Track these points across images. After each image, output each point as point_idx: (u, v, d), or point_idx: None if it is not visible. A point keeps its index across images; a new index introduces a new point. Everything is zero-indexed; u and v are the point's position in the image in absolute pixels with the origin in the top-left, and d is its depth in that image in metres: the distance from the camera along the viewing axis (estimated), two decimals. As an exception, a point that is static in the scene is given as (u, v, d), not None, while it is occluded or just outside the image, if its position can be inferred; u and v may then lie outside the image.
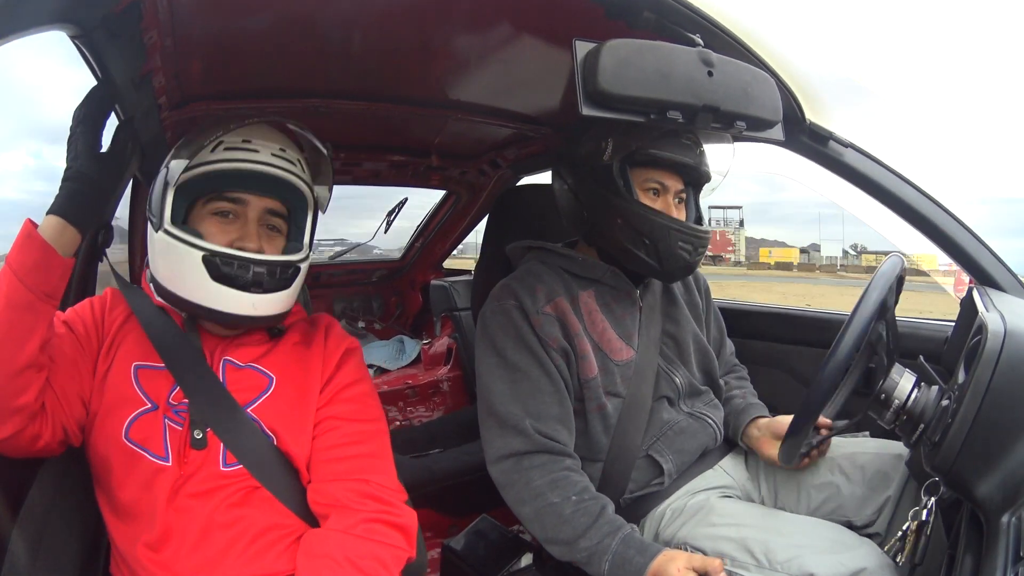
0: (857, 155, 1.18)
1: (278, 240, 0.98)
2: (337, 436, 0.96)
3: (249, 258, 0.90)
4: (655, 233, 1.12)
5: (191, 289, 0.90)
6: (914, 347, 1.16)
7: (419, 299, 2.79)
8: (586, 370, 1.15)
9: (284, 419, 0.95)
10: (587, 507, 1.03)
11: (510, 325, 1.15)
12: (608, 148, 1.12)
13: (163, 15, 0.92)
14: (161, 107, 1.17)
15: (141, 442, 0.89)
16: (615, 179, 1.13)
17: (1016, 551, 0.76)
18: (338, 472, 0.94)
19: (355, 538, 0.88)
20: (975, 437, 0.80)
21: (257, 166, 0.92)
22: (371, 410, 1.02)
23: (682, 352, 1.27)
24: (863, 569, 0.93)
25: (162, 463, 0.89)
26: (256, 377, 0.97)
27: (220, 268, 0.89)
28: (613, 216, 1.14)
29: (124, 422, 0.90)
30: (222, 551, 0.88)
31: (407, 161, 1.83)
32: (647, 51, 0.82)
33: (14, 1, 0.66)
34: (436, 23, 1.06)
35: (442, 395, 2.40)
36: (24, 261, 0.78)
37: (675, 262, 1.14)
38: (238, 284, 0.89)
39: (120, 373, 0.93)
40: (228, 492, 0.91)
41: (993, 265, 1.17)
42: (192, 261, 0.88)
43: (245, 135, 0.93)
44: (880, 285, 0.92)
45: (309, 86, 1.28)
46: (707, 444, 1.24)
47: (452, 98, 1.40)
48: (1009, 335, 0.84)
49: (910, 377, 0.95)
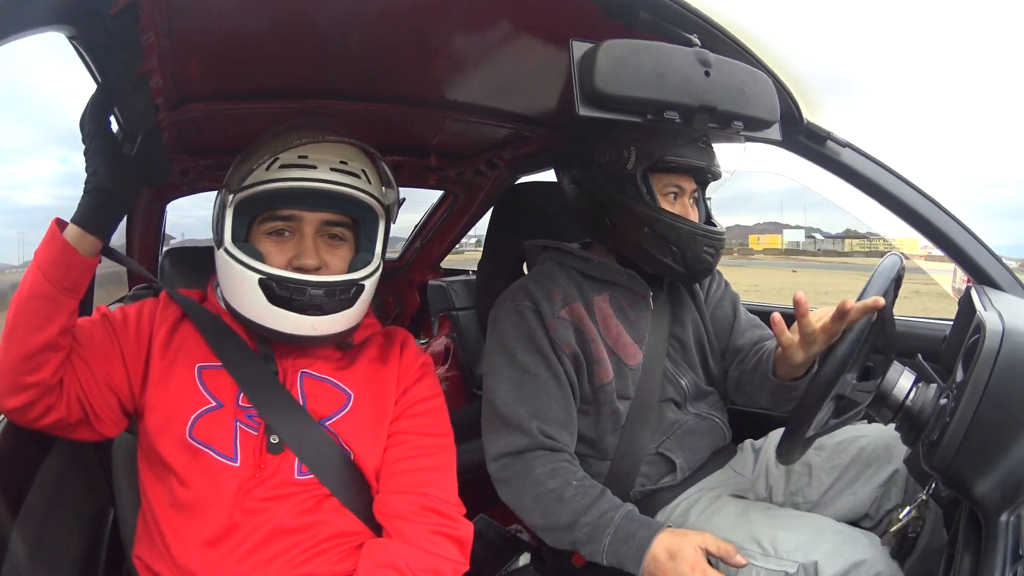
0: (854, 154, 1.19)
1: (342, 249, 0.97)
2: (405, 449, 0.98)
3: (306, 280, 0.89)
4: (682, 240, 1.13)
5: (251, 309, 0.91)
6: (913, 346, 1.15)
7: (417, 299, 2.79)
8: (601, 375, 1.16)
9: (361, 435, 0.97)
10: (587, 490, 1.05)
11: (523, 326, 1.15)
12: (631, 157, 1.12)
13: (160, 16, 0.92)
14: (159, 108, 1.17)
15: (206, 441, 0.91)
16: (639, 188, 1.13)
17: (1015, 550, 0.76)
18: (403, 484, 0.96)
19: (417, 550, 0.90)
20: (973, 436, 0.80)
21: (313, 184, 0.90)
22: (440, 425, 1.03)
23: (687, 354, 1.28)
24: (863, 560, 0.95)
25: (229, 463, 0.91)
26: (334, 392, 0.98)
27: (276, 292, 0.89)
28: (639, 225, 1.14)
29: (188, 421, 0.91)
30: (281, 553, 0.90)
31: (405, 161, 1.83)
32: (644, 51, 0.82)
33: (12, 2, 0.66)
34: (434, 23, 1.06)
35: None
36: (47, 257, 0.83)
37: (700, 265, 1.15)
38: (295, 307, 0.89)
39: (182, 373, 0.94)
40: (300, 499, 0.92)
41: (991, 264, 1.17)
42: (250, 282, 0.89)
43: (303, 151, 0.91)
44: (878, 284, 0.92)
45: (307, 86, 1.28)
46: (716, 443, 1.27)
47: (449, 98, 1.40)
48: (1007, 334, 0.84)
49: (909, 376, 0.95)
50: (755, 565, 0.99)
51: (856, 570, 0.94)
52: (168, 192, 1.92)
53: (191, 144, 1.48)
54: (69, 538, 1.03)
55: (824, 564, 0.95)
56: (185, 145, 1.48)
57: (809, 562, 0.95)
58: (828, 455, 1.19)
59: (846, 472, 1.17)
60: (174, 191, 1.92)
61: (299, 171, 0.90)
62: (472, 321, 2.26)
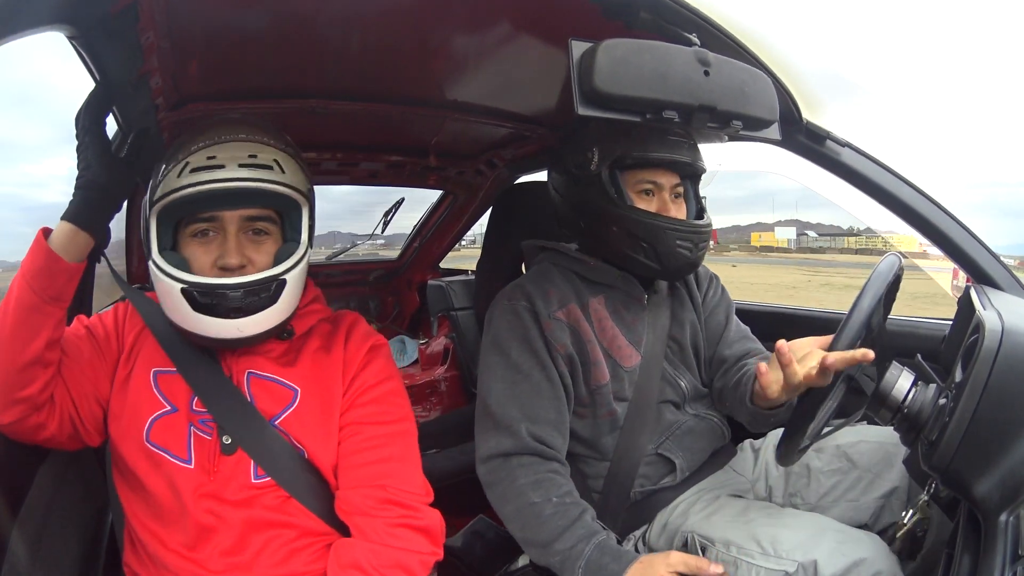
0: (854, 154, 1.19)
1: (267, 244, 0.95)
2: (358, 441, 0.96)
3: (224, 284, 0.88)
4: (651, 235, 1.12)
5: (179, 317, 0.90)
6: (912, 345, 1.16)
7: (416, 299, 2.78)
8: (597, 377, 1.16)
9: (311, 431, 0.95)
10: (566, 510, 1.04)
11: (518, 325, 1.15)
12: (595, 157, 1.13)
13: (160, 16, 0.92)
14: (158, 108, 1.17)
15: (162, 444, 0.91)
16: (606, 187, 1.13)
17: (1014, 550, 0.76)
18: (359, 479, 0.95)
19: (379, 546, 0.89)
20: (972, 436, 0.80)
21: (223, 184, 0.88)
22: (395, 410, 1.00)
23: (686, 356, 1.27)
24: (864, 559, 0.94)
25: (184, 465, 0.91)
26: (280, 390, 0.97)
27: (198, 299, 0.88)
28: (608, 224, 1.14)
29: (145, 425, 0.92)
30: (256, 555, 0.90)
31: (404, 161, 1.83)
32: (643, 51, 0.82)
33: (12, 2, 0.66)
34: (433, 23, 1.06)
35: (439, 395, 2.39)
36: (32, 267, 0.83)
37: (675, 260, 1.14)
38: (218, 312, 0.89)
39: (140, 378, 0.95)
40: (264, 501, 0.92)
41: (991, 264, 1.17)
42: (174, 292, 0.88)
43: (210, 152, 0.89)
44: (877, 284, 0.92)
45: (306, 86, 1.28)
46: (715, 444, 1.26)
47: (449, 98, 1.40)
48: (1006, 334, 0.84)
49: (908, 376, 0.95)
50: (754, 564, 0.99)
51: (856, 569, 0.94)
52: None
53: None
54: (68, 539, 1.03)
55: (824, 563, 0.94)
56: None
57: (808, 561, 0.95)
58: (828, 459, 1.19)
59: (846, 477, 1.17)
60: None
61: (208, 173, 0.88)
62: (471, 321, 2.26)
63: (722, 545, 1.04)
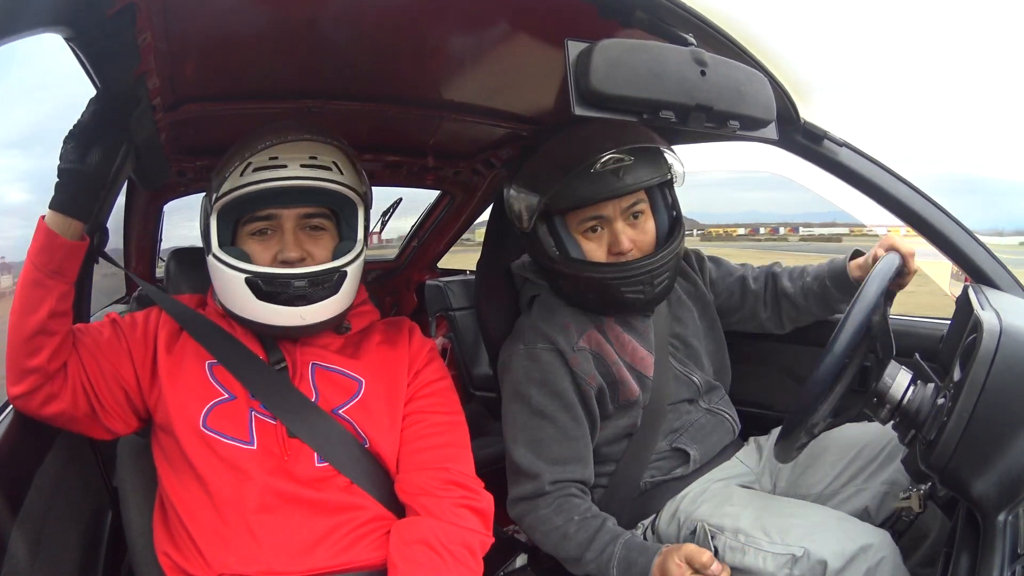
0: (851, 154, 1.19)
1: (325, 239, 1.01)
2: (422, 428, 1.02)
3: (289, 274, 0.94)
4: (597, 288, 1.11)
5: (243, 307, 0.96)
6: (910, 345, 1.15)
7: (414, 299, 2.78)
8: (626, 394, 1.17)
9: (375, 420, 1.00)
10: (588, 523, 1.08)
11: (536, 369, 1.14)
12: (524, 214, 1.11)
13: (157, 17, 0.92)
14: (156, 109, 1.17)
15: (219, 429, 0.95)
16: (543, 243, 1.11)
17: (1013, 549, 0.76)
18: (424, 462, 0.99)
19: (445, 524, 0.93)
20: (971, 435, 0.80)
21: (285, 182, 0.95)
22: (453, 404, 1.07)
23: (692, 352, 1.28)
24: (870, 545, 0.96)
25: (246, 447, 0.94)
26: (345, 381, 1.01)
27: (263, 288, 0.94)
28: (556, 278, 1.14)
29: (201, 412, 0.95)
30: (320, 541, 0.92)
31: (402, 161, 1.83)
32: (640, 51, 0.82)
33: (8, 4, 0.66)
34: (430, 23, 1.05)
35: (439, 395, 2.38)
36: (34, 246, 0.88)
37: (630, 306, 1.14)
38: (282, 300, 0.94)
39: (193, 369, 0.98)
40: (331, 485, 0.95)
41: (989, 263, 1.17)
42: (238, 282, 0.94)
43: (273, 152, 0.95)
44: (876, 284, 0.92)
45: (304, 87, 1.28)
46: (726, 438, 1.28)
47: (447, 98, 1.40)
48: (1004, 333, 0.84)
49: (906, 375, 0.95)
50: (762, 551, 1.01)
51: (863, 554, 0.95)
52: (165, 193, 1.91)
53: (189, 145, 1.48)
54: (68, 540, 1.03)
55: (831, 549, 0.96)
56: (183, 146, 1.48)
57: (815, 548, 0.97)
58: (832, 450, 1.21)
59: (848, 468, 1.18)
60: (171, 192, 1.91)
61: (271, 172, 0.94)
62: (469, 321, 2.26)
63: (731, 533, 1.06)
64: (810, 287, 1.28)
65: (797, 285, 1.30)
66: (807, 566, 0.97)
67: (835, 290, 1.24)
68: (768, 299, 1.35)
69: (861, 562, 0.95)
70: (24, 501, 0.92)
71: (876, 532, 0.99)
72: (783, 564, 0.99)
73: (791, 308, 1.32)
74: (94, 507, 1.15)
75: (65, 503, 1.05)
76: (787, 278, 1.33)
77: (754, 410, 1.45)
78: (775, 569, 0.99)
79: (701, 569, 0.94)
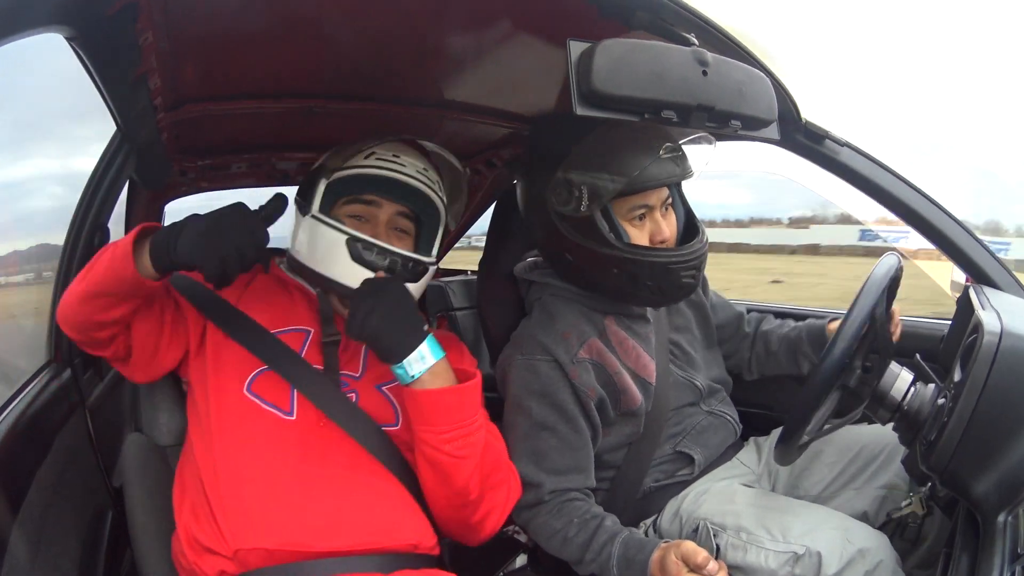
0: (853, 154, 1.18)
1: (406, 241, 1.09)
2: None
3: (388, 248, 1.02)
4: (657, 274, 1.08)
5: (331, 267, 1.02)
6: (911, 345, 1.15)
7: (414, 299, 2.78)
8: (629, 402, 1.16)
9: None
10: (587, 524, 1.08)
11: (535, 381, 1.13)
12: (584, 197, 1.05)
13: (158, 17, 0.92)
14: (157, 109, 1.17)
15: (262, 395, 0.99)
16: (600, 229, 1.06)
17: (1013, 549, 0.76)
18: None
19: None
20: (971, 436, 0.80)
21: (401, 176, 1.06)
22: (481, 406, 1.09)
23: (690, 358, 1.28)
24: (868, 549, 0.96)
25: (284, 416, 0.98)
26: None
27: (361, 252, 1.01)
28: (607, 267, 1.08)
29: (247, 378, 1.00)
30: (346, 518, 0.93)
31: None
32: (641, 51, 0.82)
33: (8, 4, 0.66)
34: (431, 23, 1.06)
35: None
36: (116, 264, 0.91)
37: (681, 292, 1.12)
38: (373, 268, 1.01)
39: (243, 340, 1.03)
40: (360, 467, 0.98)
41: (989, 263, 1.17)
42: (337, 242, 1.01)
43: (395, 150, 1.07)
44: (876, 285, 0.92)
45: (305, 87, 1.28)
46: (728, 440, 1.28)
47: (447, 98, 1.40)
48: (1005, 334, 0.84)
49: (907, 376, 0.95)
50: (763, 548, 1.02)
51: (861, 557, 0.96)
52: (167, 193, 1.91)
53: (190, 145, 1.48)
54: (68, 540, 1.03)
55: (830, 550, 0.96)
56: (184, 146, 1.48)
57: (815, 548, 0.97)
58: (831, 452, 1.21)
59: (847, 469, 1.18)
60: (173, 191, 1.91)
61: (391, 163, 1.06)
62: (470, 321, 2.26)
63: (733, 531, 1.06)
64: (786, 335, 1.35)
65: (776, 331, 1.39)
66: (809, 564, 0.97)
67: (807, 343, 1.30)
68: (754, 340, 1.42)
69: (859, 565, 0.95)
70: (24, 501, 0.92)
71: (875, 536, 1.00)
72: (785, 562, 0.99)
73: (763, 350, 1.39)
74: (94, 507, 1.15)
75: (65, 503, 1.05)
76: (769, 323, 1.42)
77: (754, 411, 1.45)
78: (777, 567, 1.00)
79: (696, 569, 0.93)
